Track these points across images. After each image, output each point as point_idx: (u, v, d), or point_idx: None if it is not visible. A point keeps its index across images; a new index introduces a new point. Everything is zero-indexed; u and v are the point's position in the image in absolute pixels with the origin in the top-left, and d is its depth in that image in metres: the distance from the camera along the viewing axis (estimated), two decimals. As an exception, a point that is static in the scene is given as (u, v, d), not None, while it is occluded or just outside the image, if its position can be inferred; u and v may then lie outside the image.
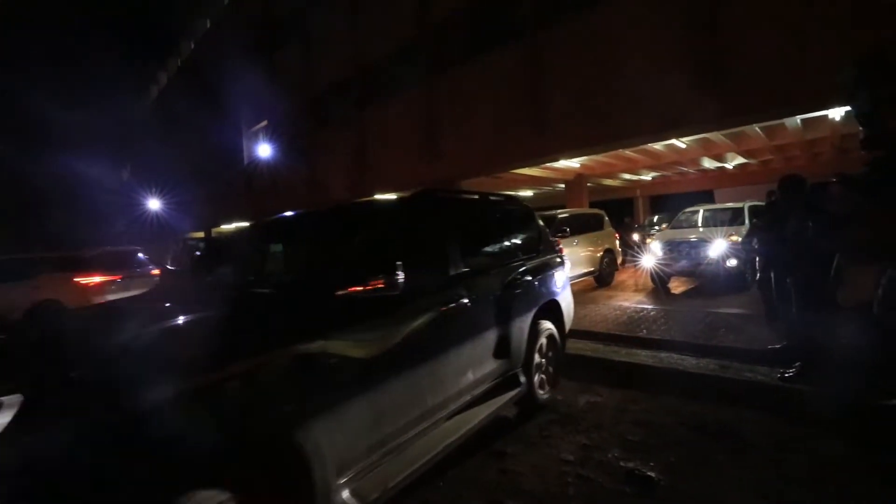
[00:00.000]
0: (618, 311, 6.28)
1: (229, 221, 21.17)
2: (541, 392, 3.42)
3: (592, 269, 8.45)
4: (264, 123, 17.33)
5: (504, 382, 3.00)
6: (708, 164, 14.87)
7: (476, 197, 3.51)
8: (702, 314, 5.70)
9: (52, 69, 35.79)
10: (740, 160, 14.23)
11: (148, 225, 21.84)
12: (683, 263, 7.32)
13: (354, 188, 12.35)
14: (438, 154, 10.11)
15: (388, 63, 11.77)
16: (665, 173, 16.79)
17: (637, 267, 8.86)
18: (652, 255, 7.70)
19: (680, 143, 10.28)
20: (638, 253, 9.03)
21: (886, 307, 2.03)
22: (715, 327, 5.02)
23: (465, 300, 2.62)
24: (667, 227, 9.80)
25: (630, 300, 7.12)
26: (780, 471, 2.46)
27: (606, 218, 9.69)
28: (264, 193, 16.10)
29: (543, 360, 3.49)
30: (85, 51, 35.73)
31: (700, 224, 8.36)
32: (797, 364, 3.50)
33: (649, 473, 2.48)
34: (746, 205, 8.06)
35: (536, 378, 3.35)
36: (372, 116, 12.12)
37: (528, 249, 3.67)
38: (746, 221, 7.40)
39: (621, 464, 2.61)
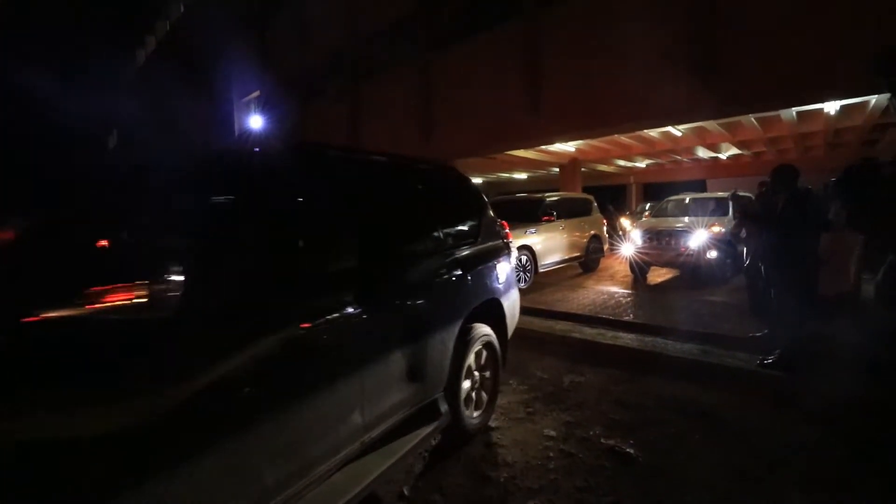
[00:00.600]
0: (604, 296, 6.38)
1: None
2: (471, 418, 2.74)
3: (578, 254, 8.27)
4: (256, 94, 16.94)
5: (418, 414, 2.30)
6: (702, 153, 14.91)
7: (385, 160, 2.65)
8: (686, 301, 5.82)
9: (33, 29, 34.41)
10: (734, 151, 14.29)
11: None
12: (663, 253, 7.16)
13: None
14: (432, 132, 10.02)
15: (383, 37, 11.52)
16: (659, 161, 16.82)
17: (621, 255, 8.55)
18: (632, 244, 7.52)
19: (675, 130, 10.28)
20: (624, 240, 8.69)
21: (886, 291, 2.12)
22: (699, 314, 5.12)
23: (355, 308, 1.85)
24: (649, 215, 9.50)
25: (615, 286, 7.20)
26: (752, 451, 2.55)
27: (595, 203, 9.51)
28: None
29: (477, 374, 2.82)
30: (69, 10, 34.36)
31: (683, 213, 8.10)
32: (776, 351, 3.60)
33: (628, 450, 2.57)
34: (731, 194, 7.88)
35: (466, 400, 2.69)
36: (366, 91, 11.91)
37: (462, 235, 2.95)
38: (730, 212, 7.11)
39: (602, 441, 2.69)
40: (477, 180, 22.48)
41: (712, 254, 6.60)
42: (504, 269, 3.21)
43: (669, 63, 6.31)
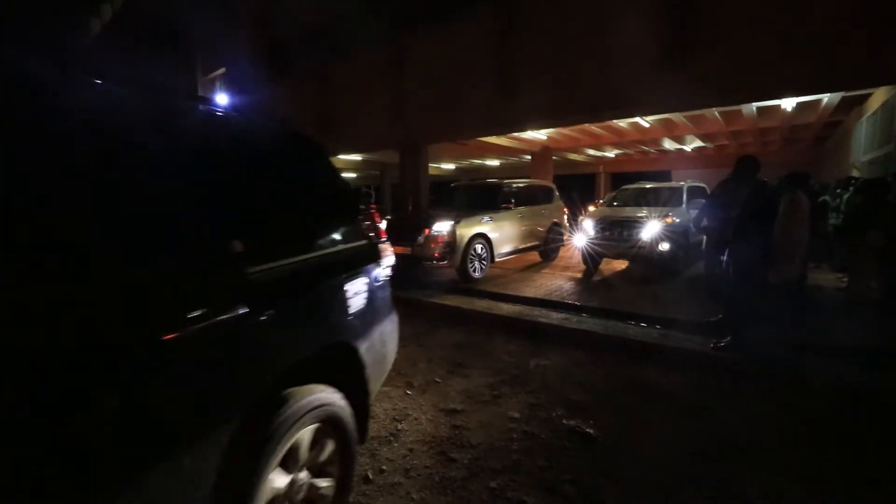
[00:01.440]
0: (559, 283, 6.61)
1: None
2: None
3: (537, 243, 8.14)
4: (222, 71, 16.23)
5: None
6: (668, 145, 15.34)
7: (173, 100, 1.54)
8: (639, 290, 6.06)
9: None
10: (698, 143, 14.78)
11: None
12: (615, 244, 6.91)
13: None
14: (404, 115, 9.88)
15: (355, 15, 11.21)
16: (628, 151, 17.22)
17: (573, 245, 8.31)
18: (584, 234, 7.28)
19: (643, 121, 10.51)
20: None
21: None
22: (659, 301, 5.33)
23: None
24: (603, 204, 9.26)
25: (570, 275, 7.33)
26: (707, 429, 2.70)
27: (557, 192, 9.32)
28: (220, 146, 15.27)
29: (302, 481, 1.55)
30: (13, -29, 31.74)
31: (637, 203, 7.98)
32: (729, 335, 3.80)
33: (588, 430, 2.67)
34: (685, 185, 7.80)
35: None
36: (338, 70, 11.59)
37: (306, 237, 1.89)
38: (684, 203, 7.20)
39: (564, 422, 2.79)
40: (450, 166, 22.43)
41: (665, 246, 6.38)
42: (373, 291, 2.16)
43: (641, 54, 6.42)
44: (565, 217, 9.21)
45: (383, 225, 7.28)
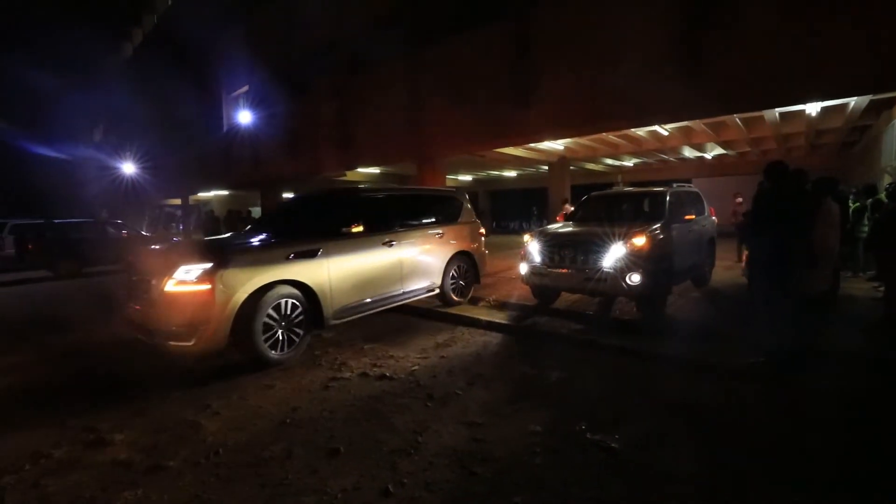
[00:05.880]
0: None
1: (207, 189, 20.59)
2: None
3: (428, 284, 5.67)
4: (245, 89, 16.74)
5: None
6: (688, 152, 15.11)
7: None
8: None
9: (20, 21, 33.54)
10: (719, 150, 14.52)
11: (122, 190, 21.16)
12: (567, 274, 5.28)
13: (338, 159, 12.16)
14: (422, 128, 10.00)
15: (372, 32, 11.45)
16: (646, 160, 17.02)
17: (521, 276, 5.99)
18: (527, 262, 5.71)
19: (662, 130, 10.39)
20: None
21: None
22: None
23: None
24: (563, 217, 7.38)
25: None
26: (736, 446, 2.61)
27: (466, 204, 6.65)
28: (244, 161, 15.68)
29: None
30: (56, 1, 33.52)
31: (604, 215, 6.31)
32: (768, 350, 3.66)
33: (612, 445, 2.61)
34: (670, 191, 6.03)
35: None
36: (356, 86, 11.84)
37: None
38: (667, 214, 5.62)
39: (588, 436, 2.73)
40: (467, 178, 22.51)
41: (634, 277, 4.80)
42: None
43: (658, 62, 6.38)
44: (483, 241, 6.76)
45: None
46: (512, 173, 20.49)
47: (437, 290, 5.85)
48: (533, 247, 5.65)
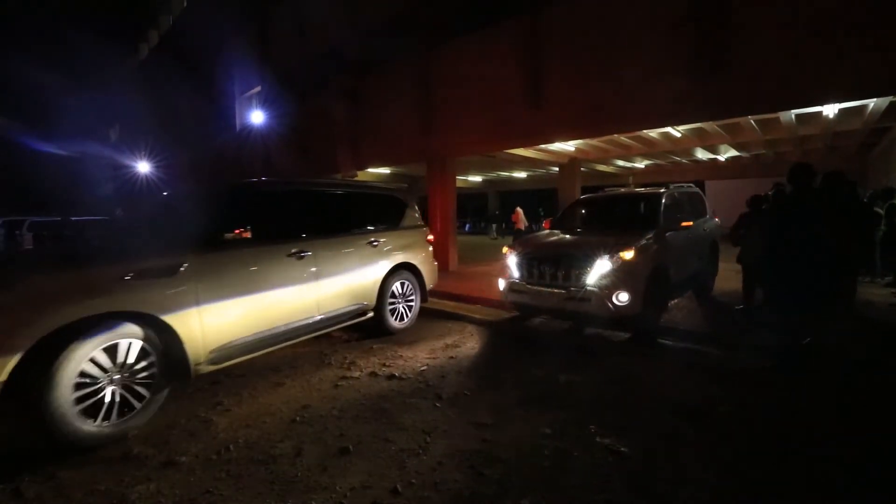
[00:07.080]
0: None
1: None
2: None
3: (357, 306, 4.57)
4: (257, 89, 16.91)
5: None
6: (701, 154, 14.93)
7: None
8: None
9: (36, 23, 34.28)
10: (733, 152, 14.32)
11: (137, 189, 21.53)
12: (544, 293, 4.66)
13: (349, 159, 12.23)
14: (432, 129, 10.01)
15: (383, 32, 11.50)
16: (659, 162, 16.82)
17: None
18: (504, 278, 5.10)
19: (675, 131, 10.28)
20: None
21: None
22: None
23: None
24: (548, 224, 6.59)
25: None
26: (750, 449, 2.58)
27: (412, 208, 5.57)
28: (256, 161, 15.84)
29: None
30: (71, 3, 34.19)
31: (593, 223, 5.70)
32: (784, 351, 3.61)
33: (622, 448, 2.59)
34: (666, 193, 5.55)
35: None
36: (367, 86, 11.90)
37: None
38: (661, 220, 5.12)
39: (598, 439, 2.71)
40: (476, 178, 22.48)
41: (622, 296, 4.27)
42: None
43: (670, 63, 6.32)
44: (429, 249, 5.64)
45: None
46: (522, 174, 20.40)
47: (371, 314, 4.76)
48: (511, 260, 5.04)
